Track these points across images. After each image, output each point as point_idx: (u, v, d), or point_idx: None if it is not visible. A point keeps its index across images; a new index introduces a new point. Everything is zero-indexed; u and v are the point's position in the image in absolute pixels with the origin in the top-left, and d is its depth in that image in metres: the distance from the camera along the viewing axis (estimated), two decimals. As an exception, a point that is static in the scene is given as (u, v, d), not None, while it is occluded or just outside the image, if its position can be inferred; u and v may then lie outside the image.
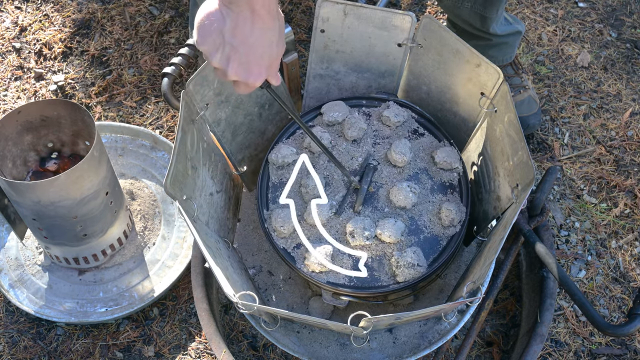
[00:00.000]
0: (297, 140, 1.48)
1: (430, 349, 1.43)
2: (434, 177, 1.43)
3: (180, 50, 1.47)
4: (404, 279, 1.32)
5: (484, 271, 1.23)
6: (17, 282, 1.68)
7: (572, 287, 1.40)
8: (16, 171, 1.61)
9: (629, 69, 2.10)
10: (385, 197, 1.40)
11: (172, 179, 1.21)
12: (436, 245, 1.36)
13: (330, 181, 1.42)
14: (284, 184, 1.43)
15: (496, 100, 1.37)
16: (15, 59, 2.11)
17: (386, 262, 1.34)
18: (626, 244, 1.78)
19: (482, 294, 1.24)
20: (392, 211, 1.38)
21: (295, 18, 2.21)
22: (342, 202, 1.38)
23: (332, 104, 1.50)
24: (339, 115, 1.47)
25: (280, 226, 1.36)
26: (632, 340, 1.64)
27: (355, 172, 1.43)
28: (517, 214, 1.22)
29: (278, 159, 1.43)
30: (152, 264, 1.71)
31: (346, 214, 1.38)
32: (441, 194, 1.41)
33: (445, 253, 1.35)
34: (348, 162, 1.44)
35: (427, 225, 1.38)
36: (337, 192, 1.40)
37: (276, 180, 1.43)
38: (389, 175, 1.42)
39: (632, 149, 1.94)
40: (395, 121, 1.47)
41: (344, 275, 1.33)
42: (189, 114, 1.29)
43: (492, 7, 1.71)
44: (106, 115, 2.00)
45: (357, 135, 1.45)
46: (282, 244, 1.37)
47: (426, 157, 1.45)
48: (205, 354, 1.63)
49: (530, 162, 1.26)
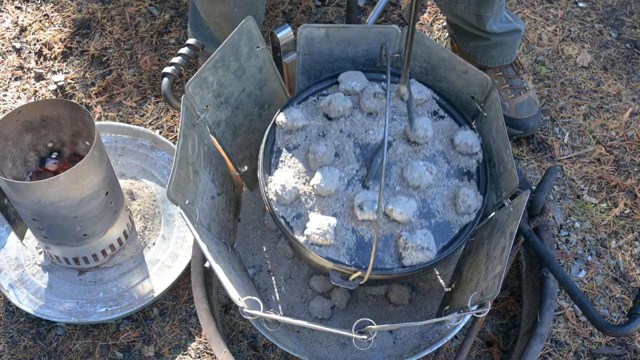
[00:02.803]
0: (309, 106, 1.39)
1: (430, 349, 1.43)
2: (452, 161, 1.35)
3: (180, 50, 1.47)
4: (410, 263, 1.24)
5: (490, 283, 1.20)
6: (17, 282, 1.68)
7: (572, 287, 1.40)
8: (16, 171, 1.61)
9: (629, 69, 2.10)
10: (398, 174, 1.31)
11: (175, 185, 1.20)
12: (448, 232, 1.29)
13: (341, 152, 1.33)
14: (291, 149, 1.33)
15: (486, 105, 1.38)
16: (15, 59, 2.11)
17: (392, 243, 1.27)
18: (626, 244, 1.78)
19: (490, 306, 1.20)
20: (404, 190, 1.30)
21: (295, 18, 2.20)
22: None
23: (351, 73, 1.40)
24: (357, 85, 1.38)
25: (282, 191, 1.27)
26: (632, 340, 1.64)
27: (368, 146, 1.34)
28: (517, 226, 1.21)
29: (287, 121, 1.33)
30: (152, 264, 1.71)
31: (355, 188, 1.30)
32: (457, 179, 1.34)
33: (457, 241, 1.28)
34: (361, 135, 1.35)
35: (440, 210, 1.30)
36: (347, 163, 1.32)
37: (282, 145, 1.35)
38: (404, 152, 1.34)
39: (632, 149, 1.94)
40: (416, 98, 1.38)
41: (345, 252, 1.26)
42: (190, 118, 1.29)
43: (487, 5, 1.71)
44: (106, 115, 2.00)
45: (375, 108, 1.36)
46: (282, 211, 1.29)
47: (445, 140, 1.37)
48: (205, 354, 1.63)
49: (514, 171, 1.27)
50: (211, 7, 1.67)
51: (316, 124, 1.36)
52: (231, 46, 1.33)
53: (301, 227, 1.27)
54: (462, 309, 1.25)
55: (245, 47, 1.36)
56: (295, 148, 1.35)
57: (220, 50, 1.31)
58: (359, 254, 1.26)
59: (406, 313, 1.51)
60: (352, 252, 1.26)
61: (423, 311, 1.51)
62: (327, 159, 1.30)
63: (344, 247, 1.26)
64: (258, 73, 1.42)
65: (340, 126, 1.36)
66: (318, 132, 1.35)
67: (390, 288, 1.51)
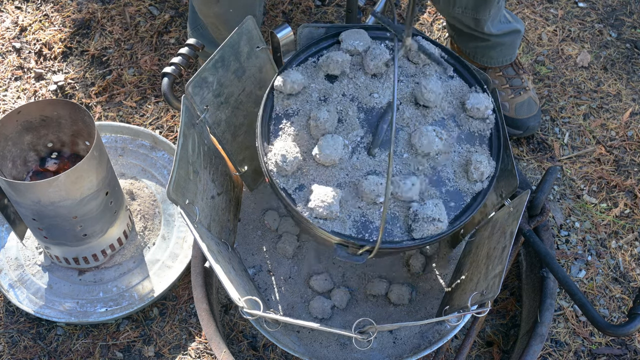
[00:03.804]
0: (308, 68, 1.32)
1: (430, 349, 1.43)
2: (463, 125, 1.28)
3: (180, 50, 1.47)
4: (420, 236, 1.19)
5: (490, 283, 1.20)
6: (17, 282, 1.68)
7: (572, 287, 1.40)
8: (16, 171, 1.61)
9: (629, 69, 2.10)
10: (405, 141, 1.25)
11: (175, 185, 1.20)
12: (459, 201, 1.23)
13: (344, 117, 1.26)
14: (290, 116, 1.25)
15: None
16: (15, 59, 2.11)
17: (401, 215, 1.21)
18: (626, 244, 1.78)
19: (490, 306, 1.20)
20: (412, 158, 1.24)
21: (295, 18, 2.21)
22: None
23: (353, 31, 1.30)
24: (360, 44, 1.29)
25: (282, 162, 1.20)
26: (632, 340, 1.64)
27: (373, 110, 1.26)
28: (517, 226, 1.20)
29: (286, 84, 1.25)
30: (152, 264, 1.71)
31: (360, 156, 1.23)
32: (469, 144, 1.27)
33: (469, 211, 1.23)
34: (366, 99, 1.27)
35: (451, 177, 1.24)
36: (351, 129, 1.25)
37: (281, 111, 1.28)
38: (411, 117, 1.26)
39: (632, 149, 1.94)
40: (423, 58, 1.30)
41: (351, 225, 1.19)
42: (190, 118, 1.29)
43: (484, 9, 1.71)
44: (106, 115, 2.00)
45: (380, 69, 1.27)
46: (283, 183, 1.21)
47: (455, 102, 1.29)
48: (205, 354, 1.63)
49: (514, 171, 1.27)
50: (206, 8, 1.68)
51: (317, 87, 1.27)
52: (231, 46, 1.33)
53: (304, 199, 1.20)
54: (462, 309, 1.26)
55: (245, 47, 1.36)
56: (296, 114, 1.26)
57: (220, 50, 1.32)
58: (366, 227, 1.19)
59: (406, 313, 1.51)
60: (358, 225, 1.19)
61: (423, 311, 1.51)
62: (330, 126, 1.22)
63: (349, 219, 1.20)
64: (258, 73, 1.43)
65: (343, 89, 1.28)
66: (319, 97, 1.27)
67: (390, 288, 1.51)
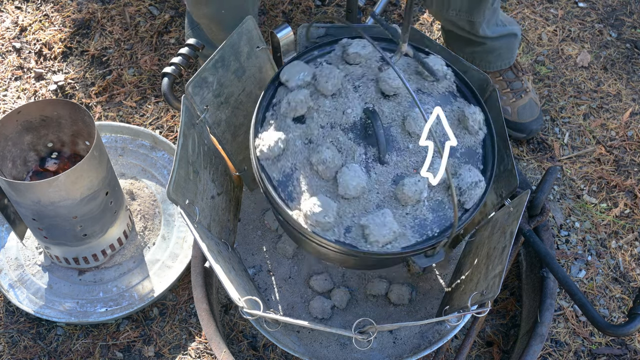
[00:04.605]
0: (279, 120, 1.29)
1: (430, 349, 1.43)
2: (432, 91, 1.30)
3: (180, 50, 1.47)
4: (471, 204, 1.22)
5: (490, 283, 1.20)
6: (17, 282, 1.68)
7: (572, 287, 1.40)
8: (16, 171, 1.61)
9: (629, 69, 2.10)
10: (401, 133, 1.26)
11: (175, 185, 1.20)
12: (476, 156, 1.27)
13: (339, 145, 1.25)
14: (291, 175, 1.24)
15: (487, 106, 1.38)
16: (15, 59, 2.11)
17: (445, 198, 1.23)
18: (626, 244, 1.78)
19: (490, 306, 1.21)
20: (416, 145, 1.25)
21: (295, 18, 2.21)
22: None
23: (289, 66, 1.30)
24: (304, 74, 1.28)
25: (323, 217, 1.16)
26: (632, 340, 1.64)
27: (355, 125, 1.26)
28: (517, 226, 1.21)
29: (271, 149, 1.23)
30: (152, 264, 1.71)
31: (376, 169, 1.23)
32: (450, 101, 1.30)
33: (491, 158, 1.27)
34: (343, 119, 1.26)
35: (457, 140, 1.27)
36: (352, 152, 1.24)
37: (280, 177, 1.26)
38: (391, 111, 1.28)
39: (632, 149, 1.94)
40: (365, 54, 1.31)
41: (412, 233, 1.20)
42: (190, 118, 1.29)
43: (478, 11, 1.71)
44: (106, 115, 2.00)
45: (337, 86, 1.27)
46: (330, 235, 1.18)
47: (414, 78, 1.32)
48: (205, 354, 1.63)
49: (514, 171, 1.27)
50: (196, 9, 1.68)
51: (294, 135, 1.25)
52: (231, 46, 1.33)
53: (361, 237, 1.19)
54: (462, 309, 1.26)
55: (245, 47, 1.36)
56: (296, 170, 1.24)
57: (220, 50, 1.32)
58: (424, 226, 1.21)
59: (406, 313, 1.51)
60: (418, 230, 1.21)
61: (423, 311, 1.51)
62: (338, 160, 1.22)
63: (409, 229, 1.21)
64: (258, 73, 1.43)
65: (318, 122, 1.27)
66: (303, 142, 1.25)
67: (390, 288, 1.51)
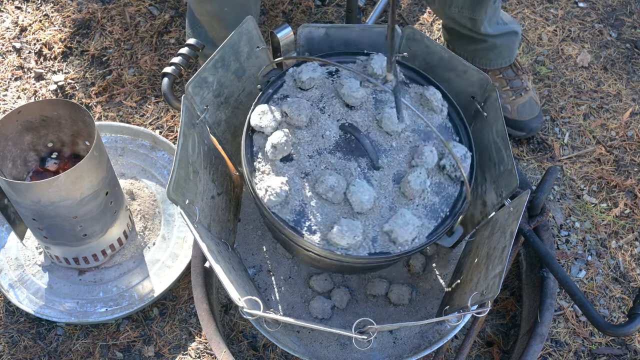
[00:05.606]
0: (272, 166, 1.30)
1: (430, 349, 1.43)
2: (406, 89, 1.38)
3: (180, 50, 1.47)
4: (467, 174, 1.30)
5: (490, 283, 1.20)
6: (17, 282, 1.68)
7: (572, 287, 1.40)
8: (16, 171, 1.61)
9: (629, 69, 2.10)
10: (380, 136, 1.31)
11: (175, 185, 1.20)
12: (450, 130, 1.36)
13: (335, 167, 1.28)
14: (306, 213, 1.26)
15: (486, 106, 1.38)
16: (15, 59, 2.11)
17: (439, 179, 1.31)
18: (626, 244, 1.78)
19: (490, 306, 1.21)
20: (399, 142, 1.30)
21: (295, 18, 2.21)
22: None
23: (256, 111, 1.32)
24: (273, 117, 1.31)
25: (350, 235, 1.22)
26: (632, 340, 1.64)
27: (339, 145, 1.30)
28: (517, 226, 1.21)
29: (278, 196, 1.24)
30: (152, 264, 1.71)
31: (375, 178, 1.28)
32: (406, 89, 1.37)
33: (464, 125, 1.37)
34: (326, 142, 1.29)
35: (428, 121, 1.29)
36: (348, 169, 1.28)
37: (292, 218, 1.27)
38: (362, 119, 1.32)
39: (632, 149, 1.94)
40: (317, 76, 1.34)
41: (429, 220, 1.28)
42: (190, 118, 1.29)
43: (480, 8, 1.71)
44: (106, 115, 2.00)
45: (308, 118, 1.30)
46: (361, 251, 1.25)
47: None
48: (205, 354, 1.63)
49: (514, 171, 1.27)
50: (199, 6, 1.68)
51: (291, 174, 1.27)
52: (231, 46, 1.33)
53: (391, 242, 1.25)
54: (462, 309, 1.26)
55: (245, 47, 1.36)
56: (305, 205, 1.27)
57: (220, 50, 1.32)
58: (435, 211, 1.29)
59: (406, 313, 1.51)
60: (432, 215, 1.28)
61: (423, 311, 1.51)
62: (344, 182, 1.25)
63: (425, 217, 1.28)
64: (258, 73, 1.42)
65: (306, 153, 1.29)
66: (300, 177, 1.27)
67: (390, 288, 1.51)
